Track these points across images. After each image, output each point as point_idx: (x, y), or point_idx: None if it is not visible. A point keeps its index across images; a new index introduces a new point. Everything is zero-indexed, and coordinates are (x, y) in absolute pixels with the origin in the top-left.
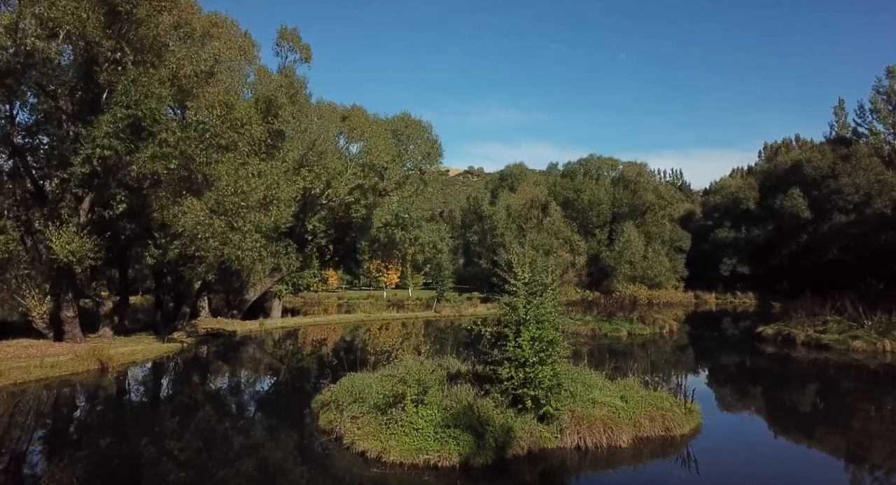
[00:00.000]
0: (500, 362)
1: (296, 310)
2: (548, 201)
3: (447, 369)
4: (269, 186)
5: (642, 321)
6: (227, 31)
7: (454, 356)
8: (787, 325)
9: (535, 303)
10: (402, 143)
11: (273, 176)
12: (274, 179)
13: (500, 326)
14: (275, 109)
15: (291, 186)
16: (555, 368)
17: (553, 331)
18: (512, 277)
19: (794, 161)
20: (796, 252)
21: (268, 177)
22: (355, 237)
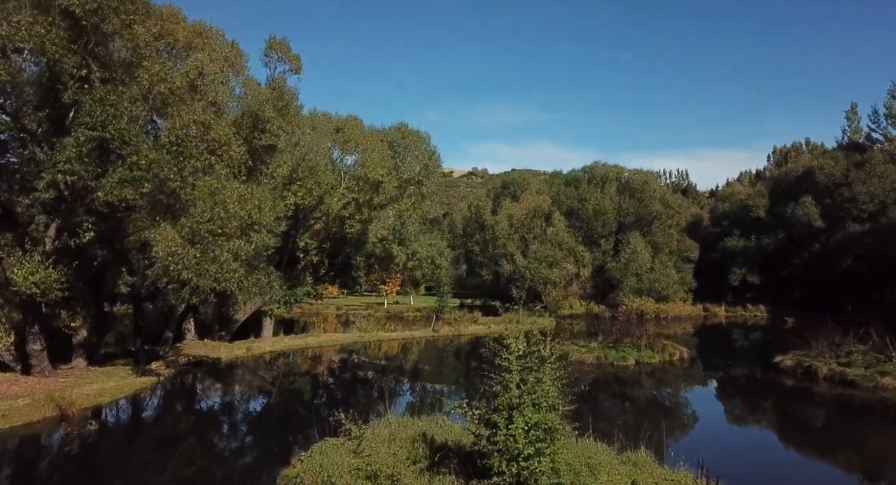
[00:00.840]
0: (490, 454)
1: (293, 321)
2: (551, 211)
3: (432, 439)
4: (249, 211)
5: (651, 348)
6: (213, 42)
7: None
8: (808, 354)
9: (531, 381)
10: (399, 154)
11: (254, 200)
12: (255, 204)
13: (488, 410)
14: (262, 124)
15: (278, 205)
16: (555, 459)
17: (553, 416)
18: (503, 352)
19: (805, 168)
20: (808, 262)
21: (248, 201)
22: (350, 253)
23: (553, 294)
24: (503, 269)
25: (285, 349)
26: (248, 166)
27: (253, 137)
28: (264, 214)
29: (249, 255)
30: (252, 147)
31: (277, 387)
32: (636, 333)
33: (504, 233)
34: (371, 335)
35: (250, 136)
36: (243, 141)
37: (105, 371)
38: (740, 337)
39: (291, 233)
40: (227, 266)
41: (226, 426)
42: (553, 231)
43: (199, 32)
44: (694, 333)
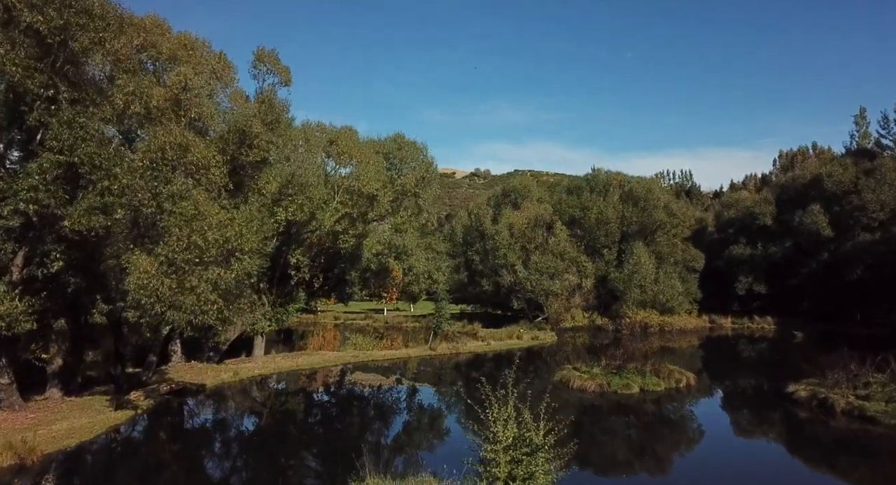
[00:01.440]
0: None
1: (290, 331)
2: (553, 220)
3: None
4: (229, 238)
5: (656, 374)
6: (198, 54)
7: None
8: (822, 384)
9: (522, 475)
10: (395, 166)
11: (235, 226)
12: (236, 230)
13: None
14: (249, 140)
15: (266, 225)
16: None
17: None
18: (488, 440)
19: (813, 175)
20: (816, 271)
21: (229, 228)
22: (345, 267)
23: (554, 306)
24: (503, 279)
25: (275, 372)
26: (234, 183)
27: (240, 153)
28: (246, 241)
29: (230, 284)
30: (239, 163)
31: (266, 417)
32: (640, 357)
33: (504, 243)
34: (365, 354)
35: (237, 152)
36: (230, 158)
37: (81, 403)
38: (748, 353)
39: (283, 249)
40: (205, 298)
41: (203, 476)
42: (555, 241)
43: (185, 44)
44: (700, 345)
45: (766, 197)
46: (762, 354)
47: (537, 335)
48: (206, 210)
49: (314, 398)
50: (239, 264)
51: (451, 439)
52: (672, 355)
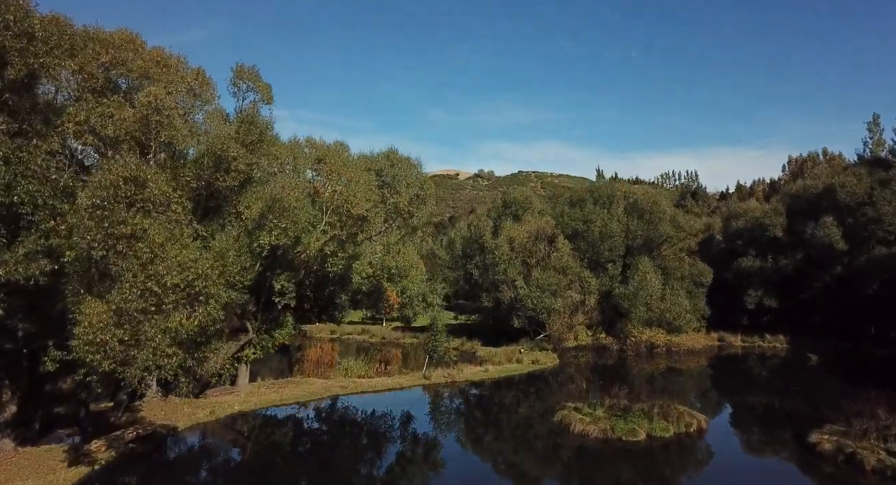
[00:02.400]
0: None
1: (286, 347)
2: (554, 233)
3: None
4: (191, 281)
5: (664, 418)
6: (173, 72)
7: None
8: (848, 434)
9: None
10: (388, 184)
11: (200, 267)
12: (200, 272)
13: None
14: (226, 163)
15: (243, 256)
16: None
17: None
18: None
19: (825, 185)
20: (829, 285)
21: (192, 269)
22: (335, 290)
23: (557, 325)
24: (504, 295)
25: (257, 408)
26: (211, 207)
27: (216, 178)
28: (212, 283)
29: (193, 332)
30: (216, 188)
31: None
32: (647, 393)
33: (504, 257)
34: (355, 384)
35: (213, 177)
36: (205, 183)
37: (35, 456)
38: (761, 380)
39: (267, 274)
40: (161, 351)
41: None
42: (557, 256)
43: (158, 61)
44: (709, 366)
45: (775, 207)
46: (776, 382)
47: (538, 358)
48: (165, 252)
49: (298, 442)
50: (203, 309)
51: None
52: (679, 379)
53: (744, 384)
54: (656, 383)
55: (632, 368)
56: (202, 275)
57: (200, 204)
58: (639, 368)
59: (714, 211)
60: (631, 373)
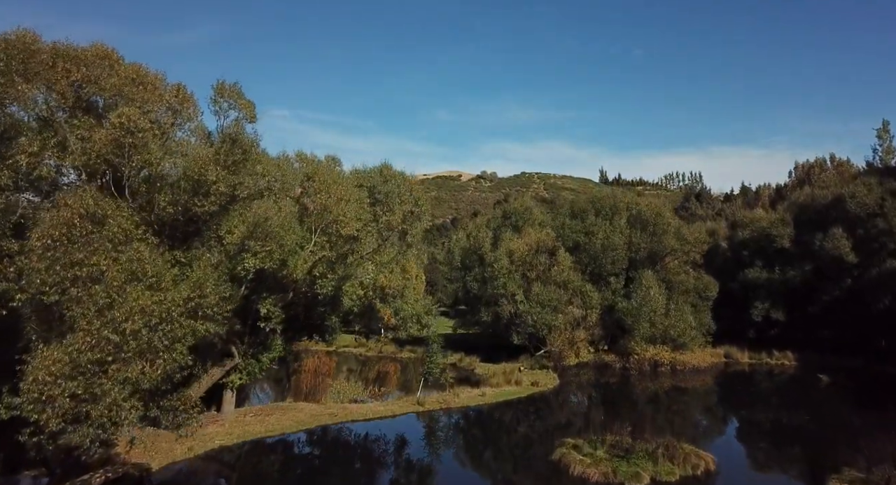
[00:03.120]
0: None
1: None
2: (555, 246)
3: None
4: (155, 326)
5: (670, 459)
6: (149, 90)
7: None
8: (868, 480)
9: None
10: (380, 201)
11: (165, 309)
12: (164, 315)
13: None
14: (205, 187)
15: (221, 286)
16: None
17: None
18: None
19: (834, 195)
20: (839, 298)
21: (156, 313)
22: (325, 311)
23: (557, 342)
24: (503, 310)
25: (240, 440)
26: (190, 232)
27: (193, 203)
28: (179, 327)
29: (155, 381)
30: (193, 215)
31: None
32: (651, 429)
33: (504, 271)
34: (345, 412)
35: (190, 201)
36: (181, 208)
37: None
38: (771, 404)
39: (252, 298)
40: (117, 408)
41: None
42: (557, 270)
43: (133, 78)
44: (715, 386)
45: (783, 217)
46: (787, 409)
47: (537, 379)
48: (124, 295)
49: (285, 465)
50: (168, 355)
51: None
52: (684, 401)
53: (752, 412)
54: (660, 407)
55: (635, 386)
56: (167, 318)
57: (178, 228)
58: (643, 387)
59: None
60: (634, 392)
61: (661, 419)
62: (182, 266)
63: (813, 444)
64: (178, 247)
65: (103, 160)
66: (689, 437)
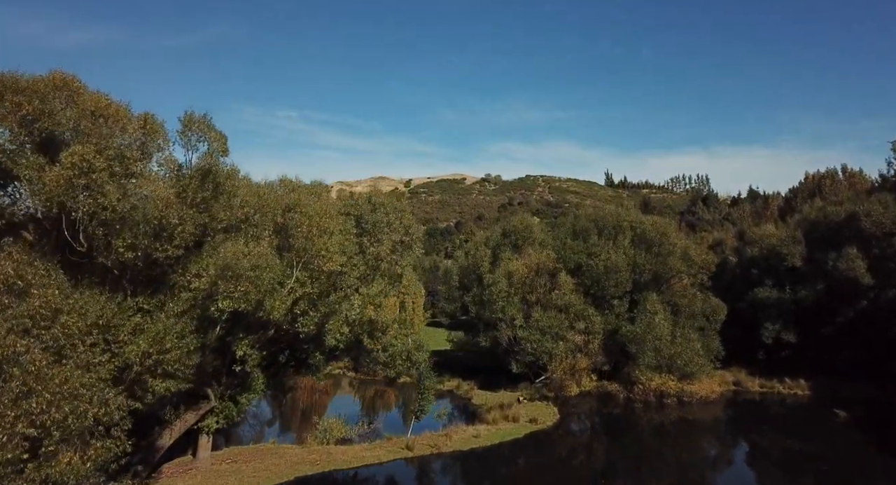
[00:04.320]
0: None
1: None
2: (556, 268)
3: None
4: (83, 412)
5: None
6: (112, 122)
7: None
8: None
9: None
10: (368, 232)
11: (98, 391)
12: (91, 399)
13: None
14: (168, 230)
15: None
16: None
17: None
18: None
19: (848, 212)
20: (853, 320)
21: (85, 396)
22: (308, 348)
23: (559, 371)
24: (501, 335)
25: None
26: (154, 276)
27: (155, 248)
28: (116, 410)
29: (85, 474)
30: (155, 260)
31: None
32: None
33: (502, 295)
34: (328, 458)
35: (151, 246)
36: (141, 254)
37: None
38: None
39: (228, 339)
40: None
41: None
42: (558, 294)
43: (94, 110)
44: (726, 420)
45: (794, 235)
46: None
47: (536, 415)
48: (45, 381)
49: None
50: (102, 443)
51: None
52: (689, 436)
53: (763, 419)
54: (668, 446)
55: (640, 420)
56: (101, 400)
57: (141, 273)
58: (648, 419)
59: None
60: (639, 427)
61: (671, 472)
62: (146, 313)
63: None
64: (141, 292)
65: (52, 202)
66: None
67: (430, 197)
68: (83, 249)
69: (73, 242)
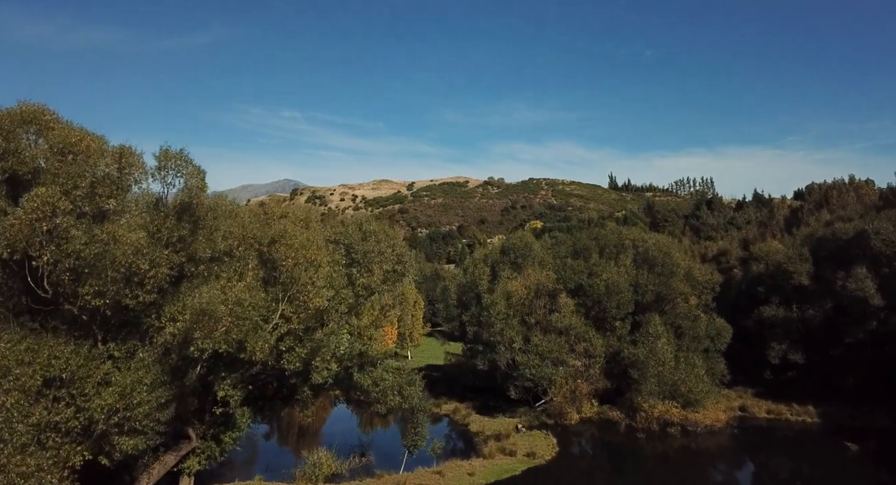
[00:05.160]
0: None
1: None
2: (556, 289)
3: None
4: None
5: None
6: (82, 159)
7: None
8: None
9: None
10: (358, 262)
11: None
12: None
13: None
14: (138, 276)
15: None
16: None
17: None
18: None
19: (857, 230)
20: (863, 341)
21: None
22: (296, 383)
23: (558, 398)
24: (500, 358)
25: None
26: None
27: (125, 294)
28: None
29: None
30: (124, 306)
31: None
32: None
33: (501, 317)
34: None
35: (121, 293)
36: (108, 301)
37: None
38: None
39: (209, 378)
40: None
41: None
42: (558, 317)
43: (63, 148)
44: (732, 452)
45: (801, 252)
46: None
47: (534, 448)
48: None
49: None
50: None
51: None
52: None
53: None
54: None
55: (643, 449)
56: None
57: (111, 319)
58: (651, 449)
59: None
60: (641, 457)
61: None
62: (116, 361)
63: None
64: (112, 338)
65: (13, 250)
66: None
67: (432, 200)
68: (48, 296)
69: (36, 289)
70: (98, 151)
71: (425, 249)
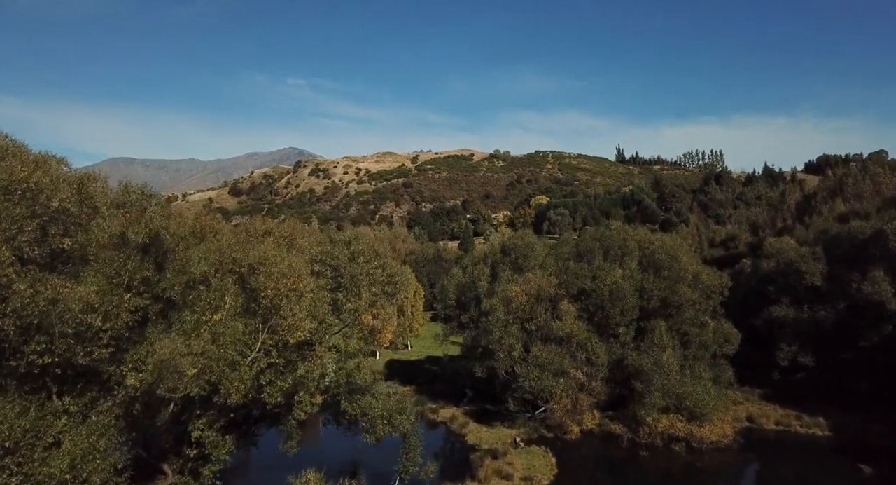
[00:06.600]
0: None
1: None
2: (558, 295)
3: None
4: None
5: None
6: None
7: None
8: None
9: None
10: (344, 286)
11: None
12: None
13: None
14: (91, 333)
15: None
16: None
17: None
18: None
19: (874, 229)
20: (877, 346)
21: None
22: (280, 413)
23: (559, 412)
24: (499, 366)
25: None
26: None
27: (76, 352)
28: None
29: None
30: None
31: None
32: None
33: (500, 324)
34: None
35: (72, 350)
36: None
37: None
38: None
39: (183, 418)
40: None
41: None
42: (560, 325)
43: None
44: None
45: (814, 252)
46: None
47: (531, 472)
48: None
49: None
50: None
51: None
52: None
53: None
54: None
55: (645, 466)
56: None
57: (66, 371)
58: (654, 466)
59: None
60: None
61: None
62: (73, 417)
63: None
64: (68, 391)
65: None
66: None
67: (437, 174)
68: None
69: None
70: (51, 183)
71: (428, 228)
